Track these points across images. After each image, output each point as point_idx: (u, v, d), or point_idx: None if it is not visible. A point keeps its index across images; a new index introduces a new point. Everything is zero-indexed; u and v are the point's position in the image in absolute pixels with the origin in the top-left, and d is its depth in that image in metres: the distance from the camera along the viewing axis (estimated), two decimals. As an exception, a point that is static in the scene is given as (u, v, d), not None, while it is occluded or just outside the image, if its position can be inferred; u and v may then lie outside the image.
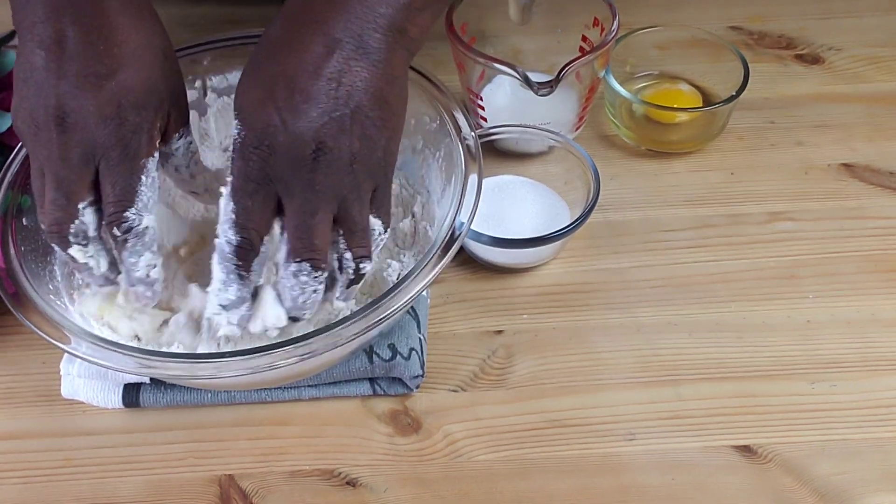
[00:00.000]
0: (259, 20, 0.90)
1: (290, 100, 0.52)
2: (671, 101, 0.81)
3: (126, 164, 0.56)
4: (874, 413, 0.64)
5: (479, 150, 0.64)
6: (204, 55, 0.70)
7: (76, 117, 0.54)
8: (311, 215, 0.54)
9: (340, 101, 0.53)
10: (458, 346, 0.69)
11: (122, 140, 0.55)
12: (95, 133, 0.55)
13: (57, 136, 0.54)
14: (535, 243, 0.69)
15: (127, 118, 0.55)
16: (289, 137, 0.52)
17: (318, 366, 0.62)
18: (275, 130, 0.52)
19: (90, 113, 0.54)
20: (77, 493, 0.63)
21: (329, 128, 0.52)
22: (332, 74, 0.53)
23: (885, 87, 0.84)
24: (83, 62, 0.54)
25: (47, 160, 0.55)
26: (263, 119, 0.53)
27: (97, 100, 0.54)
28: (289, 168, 0.53)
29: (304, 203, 0.54)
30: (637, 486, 0.62)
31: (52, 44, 0.54)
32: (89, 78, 0.54)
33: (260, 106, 0.53)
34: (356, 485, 0.63)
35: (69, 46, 0.54)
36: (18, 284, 0.60)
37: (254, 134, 0.53)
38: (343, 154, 0.53)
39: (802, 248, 0.73)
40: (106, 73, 0.55)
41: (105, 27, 0.55)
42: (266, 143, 0.53)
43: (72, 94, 0.54)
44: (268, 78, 0.53)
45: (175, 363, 0.56)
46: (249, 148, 0.53)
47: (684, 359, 0.67)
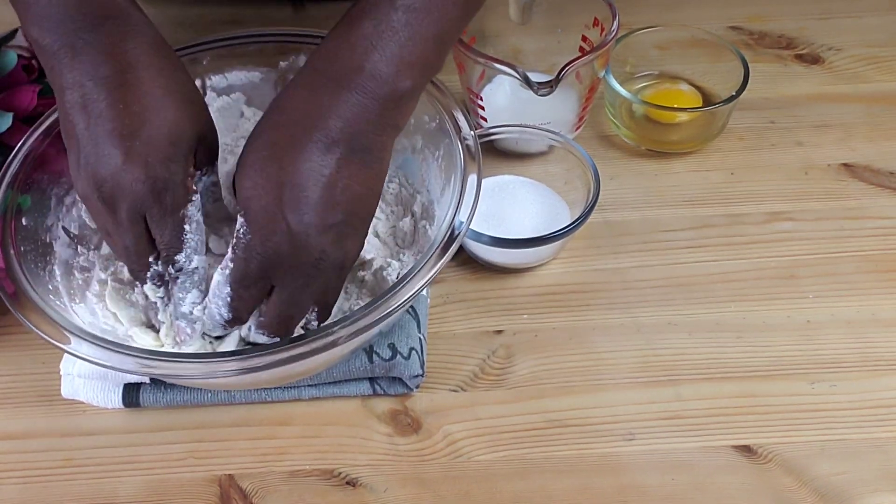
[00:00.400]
0: (259, 20, 0.90)
1: (296, 209, 0.55)
2: (671, 101, 0.81)
3: (167, 218, 0.58)
4: (874, 413, 0.64)
5: (478, 150, 0.64)
6: (204, 55, 0.70)
7: (111, 185, 0.56)
8: (296, 308, 0.58)
9: (339, 207, 0.56)
10: (458, 346, 0.69)
11: (157, 197, 0.57)
12: (132, 194, 0.56)
13: (102, 206, 0.57)
14: (535, 243, 0.69)
15: (157, 175, 0.56)
16: (294, 247, 0.56)
17: (317, 365, 0.62)
18: (281, 239, 0.56)
19: (122, 178, 0.56)
20: (77, 493, 0.63)
21: (329, 237, 0.56)
22: (333, 180, 0.56)
23: (885, 87, 0.84)
24: (109, 123, 0.56)
25: (105, 227, 0.59)
26: (270, 226, 0.56)
27: (125, 164, 0.56)
28: (289, 271, 0.57)
29: (293, 298, 0.58)
30: (637, 486, 0.62)
31: (80, 110, 0.56)
32: (116, 140, 0.56)
33: (267, 213, 0.56)
34: (356, 485, 0.63)
35: (96, 111, 0.56)
36: (18, 284, 0.60)
37: (260, 239, 0.56)
38: (338, 259, 0.57)
39: (802, 248, 0.73)
40: (129, 133, 0.56)
41: (125, 84, 0.57)
42: (271, 248, 0.56)
43: (103, 163, 0.56)
44: (273, 182, 0.56)
45: (175, 363, 0.56)
46: (254, 251, 0.56)
47: (684, 359, 0.67)
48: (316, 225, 0.55)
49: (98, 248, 0.67)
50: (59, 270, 0.64)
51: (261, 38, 0.71)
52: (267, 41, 0.71)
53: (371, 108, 0.56)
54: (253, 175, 0.57)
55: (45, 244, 0.64)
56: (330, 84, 0.56)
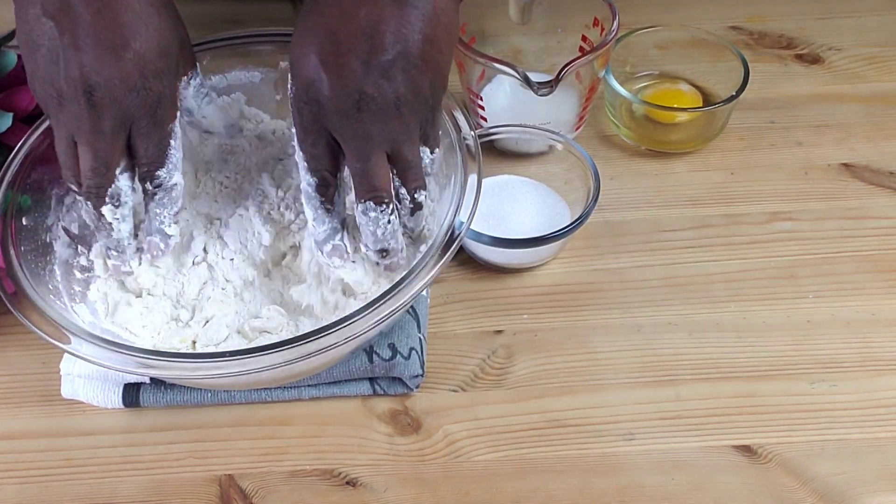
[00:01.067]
0: (259, 20, 0.91)
1: (332, 53, 0.54)
2: (671, 101, 0.81)
3: (156, 131, 0.58)
4: (874, 413, 0.64)
5: (478, 150, 0.64)
6: (204, 55, 0.70)
7: (103, 91, 0.55)
8: (365, 160, 0.57)
9: (381, 49, 0.54)
10: (458, 346, 0.69)
11: (149, 109, 0.57)
12: (124, 104, 0.56)
13: (87, 111, 0.56)
14: (535, 243, 0.69)
15: (151, 87, 0.56)
16: (332, 90, 0.54)
17: (318, 365, 0.62)
18: (319, 84, 0.55)
19: (116, 86, 0.55)
20: (77, 493, 0.63)
21: (370, 77, 0.54)
22: (372, 23, 0.54)
23: (885, 86, 0.84)
24: (96, 32, 0.55)
25: (79, 131, 0.57)
26: (308, 73, 0.55)
27: (121, 72, 0.55)
28: (337, 118, 0.55)
29: (358, 149, 0.56)
30: (636, 486, 0.62)
31: (59, 12, 0.55)
32: (107, 49, 0.55)
33: (305, 60, 0.55)
34: (356, 485, 0.63)
35: (77, 16, 0.55)
36: (18, 284, 0.60)
37: (302, 88, 0.55)
38: (388, 100, 0.55)
39: (802, 248, 0.73)
40: (122, 44, 0.55)
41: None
42: (313, 96, 0.55)
43: (94, 68, 0.55)
44: (313, 31, 0.55)
45: (175, 363, 0.56)
46: (301, 102, 0.56)
47: (684, 359, 0.67)
48: (349, 66, 0.54)
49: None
50: (59, 270, 0.64)
51: (261, 37, 0.71)
52: (267, 41, 0.71)
53: None
54: (298, 34, 0.56)
55: (45, 244, 0.64)
56: None
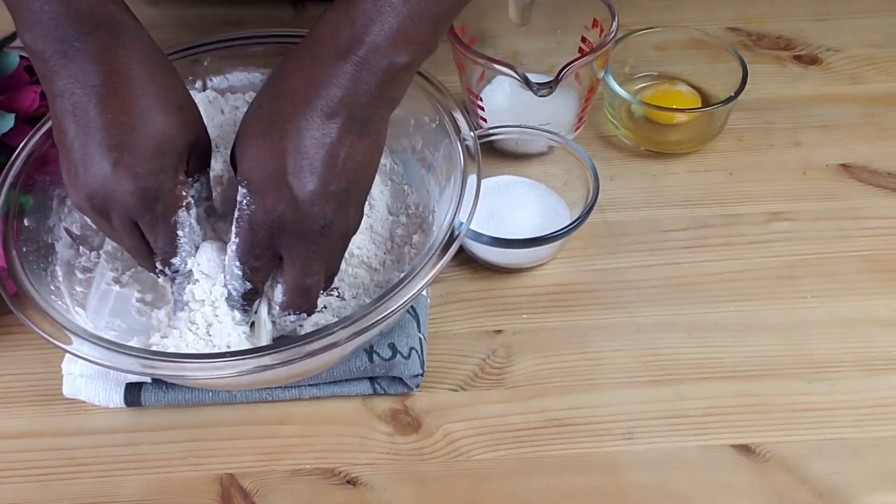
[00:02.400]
0: (259, 20, 0.91)
1: (299, 177, 0.55)
2: (670, 101, 0.81)
3: (159, 226, 0.59)
4: (872, 412, 0.64)
5: (478, 151, 0.64)
6: (204, 55, 0.70)
7: (102, 195, 0.57)
8: (309, 277, 0.59)
9: (342, 176, 0.56)
10: (458, 346, 0.69)
11: (147, 206, 0.57)
12: (122, 205, 0.57)
13: (96, 216, 0.58)
14: (534, 243, 0.69)
15: (145, 186, 0.57)
16: (299, 214, 0.56)
17: (318, 365, 0.63)
18: (285, 207, 0.56)
19: (111, 189, 0.56)
20: (78, 493, 0.63)
21: (333, 204, 0.56)
22: (335, 149, 0.56)
23: (883, 87, 0.85)
24: (97, 133, 0.56)
25: (104, 232, 0.61)
26: (275, 196, 0.56)
27: (114, 175, 0.56)
28: (296, 240, 0.57)
29: (305, 268, 0.58)
30: (635, 486, 0.62)
31: (71, 118, 0.57)
32: (103, 151, 0.56)
33: (271, 182, 0.56)
34: (356, 484, 0.63)
35: (86, 121, 0.56)
36: (20, 285, 0.60)
37: (265, 210, 0.56)
38: (341, 227, 0.58)
39: (801, 248, 0.73)
40: (117, 144, 0.56)
41: (115, 92, 0.57)
42: (277, 218, 0.56)
43: (92, 174, 0.56)
44: (276, 150, 0.56)
45: (176, 363, 0.57)
46: (259, 222, 0.57)
47: (683, 358, 0.68)
48: (320, 192, 0.56)
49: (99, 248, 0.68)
50: (60, 271, 0.64)
51: (261, 38, 0.71)
52: (267, 42, 0.71)
53: (370, 80, 0.56)
54: (254, 145, 0.57)
55: (47, 245, 0.64)
56: (329, 55, 0.57)
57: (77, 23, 0.57)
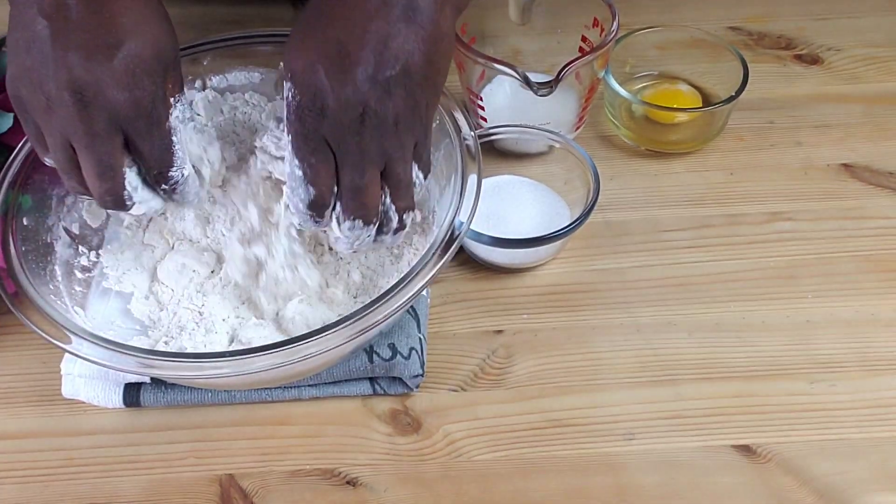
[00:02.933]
0: (259, 20, 0.91)
1: (339, 64, 0.54)
2: (671, 101, 0.81)
3: (155, 131, 0.57)
4: (873, 413, 0.64)
5: (478, 150, 0.64)
6: (204, 55, 0.70)
7: (94, 90, 0.54)
8: (360, 176, 0.56)
9: (387, 64, 0.54)
10: (458, 346, 0.69)
11: (143, 109, 0.56)
12: (116, 104, 0.55)
13: (78, 111, 0.54)
14: (535, 243, 0.69)
15: (143, 86, 0.55)
16: (338, 102, 0.54)
17: (318, 365, 0.63)
18: (325, 94, 0.54)
19: (107, 85, 0.54)
20: (77, 493, 0.63)
21: (375, 92, 0.54)
22: (380, 38, 0.54)
23: (884, 87, 0.85)
24: (89, 33, 0.54)
25: (75, 135, 0.56)
26: (315, 83, 0.54)
27: (111, 71, 0.54)
28: (339, 130, 0.55)
29: (354, 164, 0.56)
30: (636, 486, 0.62)
31: (54, 12, 0.54)
32: (99, 49, 0.54)
33: (311, 70, 0.54)
34: (356, 484, 0.63)
35: (72, 16, 0.54)
36: (19, 284, 0.60)
37: (307, 97, 0.54)
38: (388, 117, 0.55)
39: (802, 248, 0.73)
40: (114, 43, 0.54)
41: None
42: (318, 105, 0.54)
43: (85, 67, 0.54)
44: (318, 42, 0.54)
45: (175, 363, 0.57)
46: (305, 110, 0.55)
47: (684, 359, 0.67)
48: (356, 79, 0.53)
49: (98, 247, 0.68)
50: (59, 270, 0.64)
51: (261, 38, 0.71)
52: (267, 41, 0.71)
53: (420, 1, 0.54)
54: (297, 38, 0.55)
55: (46, 244, 0.64)
56: None
57: None
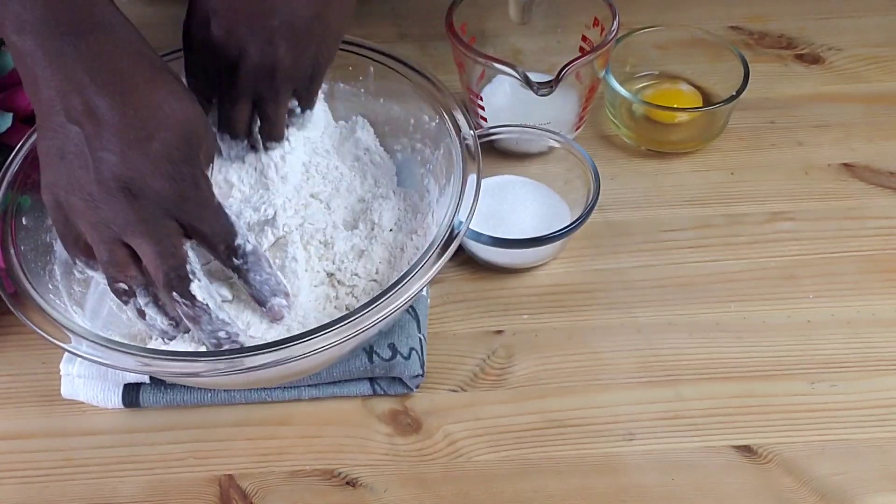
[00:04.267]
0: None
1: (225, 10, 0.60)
2: (671, 101, 0.81)
3: (209, 208, 0.57)
4: (874, 413, 0.64)
5: (478, 150, 0.64)
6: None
7: (139, 182, 0.55)
8: (232, 102, 0.63)
9: (267, 14, 0.60)
10: (458, 346, 0.69)
11: (189, 192, 0.56)
12: (162, 192, 0.55)
13: (130, 203, 0.55)
14: (535, 243, 0.69)
15: (183, 172, 0.56)
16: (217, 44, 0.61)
17: (317, 364, 0.62)
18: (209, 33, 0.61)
19: (149, 175, 0.55)
20: (77, 493, 0.63)
21: (253, 39, 0.60)
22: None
23: (885, 86, 0.84)
24: (120, 131, 0.55)
25: (129, 226, 0.56)
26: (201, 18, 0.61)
27: (151, 163, 0.55)
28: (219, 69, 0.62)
29: (228, 94, 0.63)
30: (636, 486, 0.62)
31: (84, 117, 0.55)
32: (133, 145, 0.55)
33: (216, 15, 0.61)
34: (356, 485, 0.63)
35: (102, 118, 0.55)
36: (18, 284, 0.60)
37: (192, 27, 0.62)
38: (264, 64, 0.61)
39: (802, 248, 0.73)
40: (146, 137, 0.55)
41: (128, 92, 0.55)
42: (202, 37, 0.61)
43: (125, 163, 0.54)
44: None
45: (175, 362, 0.57)
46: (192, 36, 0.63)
47: (684, 359, 0.67)
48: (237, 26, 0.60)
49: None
50: (59, 270, 0.64)
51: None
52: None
53: None
54: None
55: (46, 244, 0.64)
56: None
57: (71, 23, 0.55)
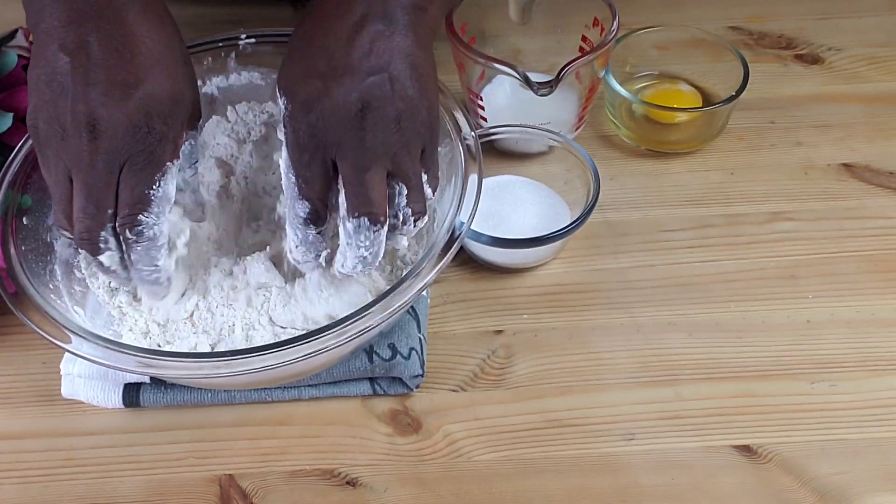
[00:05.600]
0: (259, 20, 0.90)
1: (329, 68, 0.55)
2: (671, 101, 0.81)
3: (148, 170, 0.57)
4: (873, 413, 0.64)
5: (478, 150, 0.64)
6: (204, 55, 0.70)
7: (106, 125, 0.55)
8: (363, 171, 0.56)
9: (376, 66, 0.55)
10: (458, 346, 0.69)
11: (148, 148, 0.56)
12: (124, 141, 0.55)
13: (88, 143, 0.55)
14: (535, 243, 0.69)
15: (154, 127, 0.56)
16: (333, 101, 0.55)
17: (318, 365, 0.62)
18: (319, 96, 0.55)
19: (120, 122, 0.55)
20: (77, 493, 0.63)
21: (371, 89, 0.55)
22: (366, 44, 0.56)
23: (885, 87, 0.84)
24: (110, 70, 0.55)
25: (77, 166, 0.56)
26: (306, 90, 0.55)
27: (127, 109, 0.55)
28: (338, 129, 0.55)
29: (356, 161, 0.55)
30: (636, 486, 0.62)
31: (76, 49, 0.55)
32: (118, 86, 0.55)
33: (301, 78, 0.56)
34: (356, 485, 0.63)
35: (94, 53, 0.55)
36: (19, 284, 0.60)
37: (299, 104, 0.56)
38: (388, 113, 0.55)
39: (802, 248, 0.73)
40: (133, 83, 0.55)
41: (128, 35, 0.56)
42: (312, 110, 0.55)
43: (102, 102, 0.55)
44: (306, 55, 0.56)
45: (174, 362, 0.57)
46: (298, 118, 0.56)
47: (684, 359, 0.67)
48: (350, 78, 0.55)
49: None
50: (59, 270, 0.64)
51: (261, 38, 0.71)
52: (267, 41, 0.71)
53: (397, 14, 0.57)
54: (287, 61, 0.58)
55: (46, 244, 0.64)
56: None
57: None
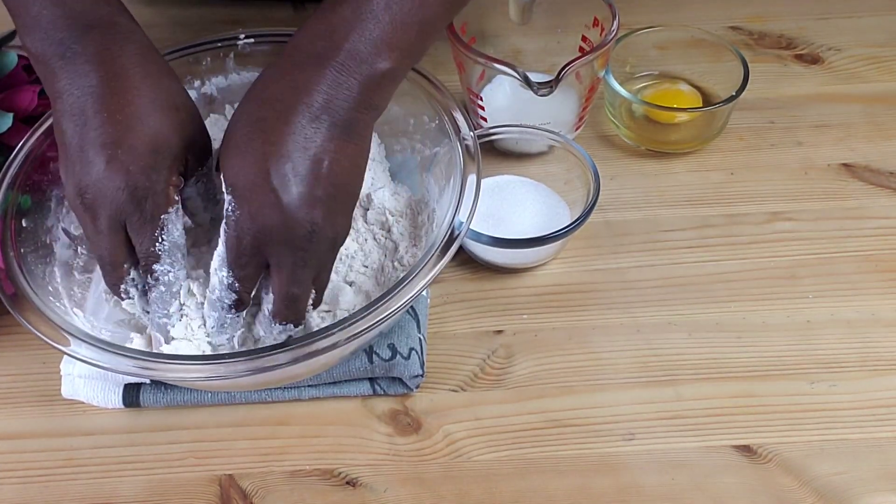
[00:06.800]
0: (259, 20, 0.90)
1: (284, 180, 0.55)
2: (671, 101, 0.81)
3: (147, 227, 0.58)
4: (873, 413, 0.64)
5: (477, 150, 0.64)
6: (204, 55, 0.70)
7: (93, 192, 0.57)
8: (297, 286, 0.58)
9: (327, 181, 0.56)
10: (458, 346, 0.69)
11: (137, 205, 0.57)
12: (113, 205, 0.57)
13: (84, 213, 0.57)
14: (535, 243, 0.69)
15: (137, 184, 0.57)
16: (286, 219, 0.55)
17: (318, 366, 0.62)
18: (271, 212, 0.55)
19: (104, 187, 0.56)
20: (77, 493, 0.63)
21: (320, 210, 0.56)
22: (319, 154, 0.56)
23: (885, 87, 0.84)
24: (93, 132, 0.57)
25: (86, 233, 0.59)
26: (259, 200, 0.55)
27: (108, 171, 0.56)
28: (282, 247, 0.56)
29: (293, 276, 0.57)
30: (636, 486, 0.62)
31: (69, 115, 0.57)
32: (98, 149, 0.56)
33: (254, 186, 0.55)
34: (356, 485, 0.63)
35: (81, 117, 0.57)
36: (18, 285, 0.60)
37: (250, 216, 0.56)
38: (329, 233, 0.57)
39: (802, 248, 0.73)
40: (113, 142, 0.56)
41: (112, 92, 0.57)
42: (263, 223, 0.55)
43: (86, 171, 0.56)
44: (259, 155, 0.56)
45: (173, 365, 0.57)
46: (245, 226, 0.56)
47: (684, 359, 0.67)
48: (306, 197, 0.55)
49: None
50: (58, 272, 0.64)
51: (261, 38, 0.71)
52: (267, 42, 0.71)
53: (351, 86, 0.56)
54: (238, 151, 0.57)
55: (45, 245, 0.64)
56: (311, 61, 0.57)
57: (74, 25, 0.58)
